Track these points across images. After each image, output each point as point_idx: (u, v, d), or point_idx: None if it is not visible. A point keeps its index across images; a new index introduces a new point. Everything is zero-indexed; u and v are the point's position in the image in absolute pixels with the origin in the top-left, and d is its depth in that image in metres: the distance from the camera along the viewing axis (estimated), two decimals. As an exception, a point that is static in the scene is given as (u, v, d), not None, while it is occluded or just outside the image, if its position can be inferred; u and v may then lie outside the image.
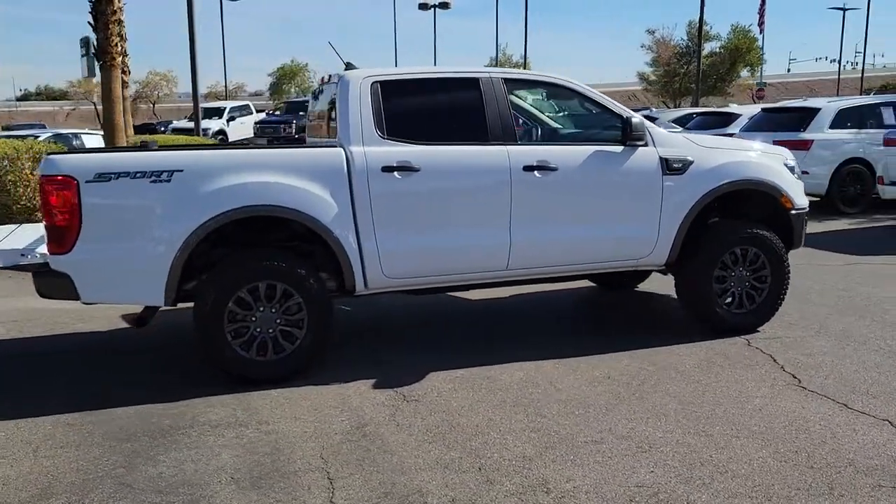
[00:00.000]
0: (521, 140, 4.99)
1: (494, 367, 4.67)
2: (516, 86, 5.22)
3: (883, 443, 3.51)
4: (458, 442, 3.63)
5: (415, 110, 4.90)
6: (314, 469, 3.37)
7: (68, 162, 4.20)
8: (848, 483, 3.14)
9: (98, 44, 11.19)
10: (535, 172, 4.83)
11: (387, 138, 4.64)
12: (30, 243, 4.55)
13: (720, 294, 5.27)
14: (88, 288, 4.24)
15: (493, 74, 5.00)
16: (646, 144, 5.08)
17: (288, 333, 4.47)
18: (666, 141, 5.20)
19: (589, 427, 3.78)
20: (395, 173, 4.58)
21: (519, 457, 3.46)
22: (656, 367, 4.65)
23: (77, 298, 4.26)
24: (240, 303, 4.37)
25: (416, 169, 4.61)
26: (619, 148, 5.05)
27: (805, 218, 5.56)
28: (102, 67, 11.32)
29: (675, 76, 43.70)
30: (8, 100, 67.17)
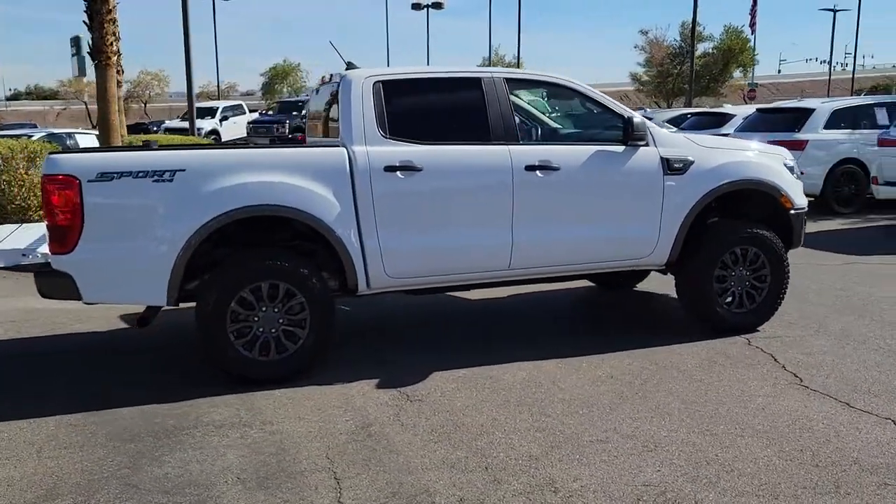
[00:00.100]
0: (523, 140, 5.00)
1: (496, 367, 4.68)
2: (518, 85, 5.22)
3: (887, 441, 3.53)
4: (464, 441, 3.63)
5: (417, 110, 4.90)
6: (320, 469, 3.37)
7: (71, 161, 4.18)
8: (853, 481, 3.16)
9: (93, 43, 11.13)
10: (537, 172, 4.83)
11: (389, 138, 4.64)
12: (31, 243, 4.52)
13: (720, 293, 5.29)
14: (90, 288, 4.21)
15: (495, 74, 5.00)
16: (647, 144, 5.10)
17: (290, 333, 4.46)
18: (667, 141, 5.21)
19: (594, 426, 3.78)
20: (398, 173, 4.58)
21: (525, 456, 3.46)
22: (658, 367, 4.66)
23: (79, 298, 4.23)
24: (242, 303, 4.36)
25: (419, 169, 4.61)
26: (621, 148, 5.06)
27: (804, 218, 5.59)
28: (98, 67, 11.25)
29: (669, 76, 43.80)
30: (-2, 99, 66.72)
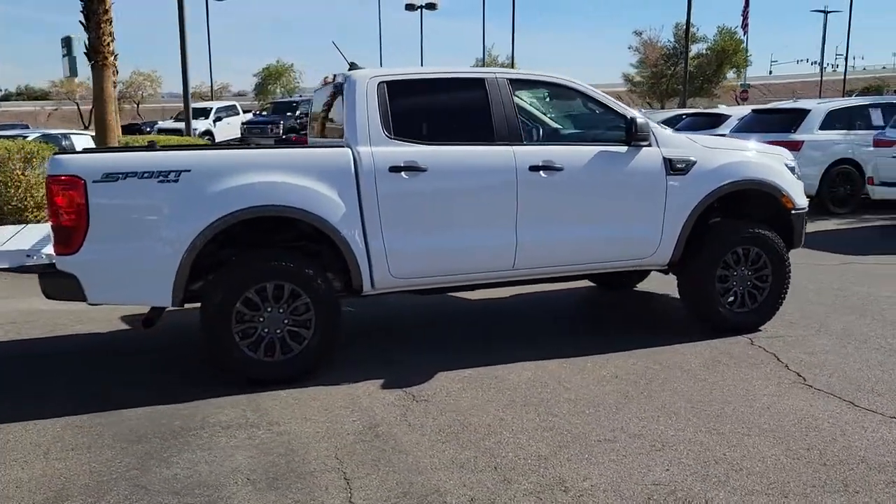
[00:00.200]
0: (527, 140, 5.00)
1: (501, 367, 4.68)
2: (521, 86, 5.22)
3: (893, 440, 3.55)
4: (472, 441, 3.63)
5: (421, 110, 4.91)
6: (330, 469, 3.36)
7: (76, 162, 4.17)
8: (862, 480, 3.18)
9: (90, 43, 11.08)
10: (541, 172, 4.84)
11: (394, 138, 4.64)
12: (35, 244, 4.50)
13: (723, 293, 5.31)
14: (95, 289, 4.20)
15: (499, 75, 5.01)
16: (649, 145, 5.11)
17: (296, 334, 4.45)
18: (669, 141, 5.23)
19: (601, 426, 3.79)
20: (403, 173, 4.58)
21: (534, 456, 3.46)
22: (662, 366, 4.67)
23: (84, 300, 4.22)
24: (247, 303, 4.35)
25: (424, 169, 4.61)
26: (624, 148, 5.07)
27: (805, 218, 5.62)
28: (94, 67, 11.21)
29: (663, 77, 43.90)
30: (-12, 100, 66.37)
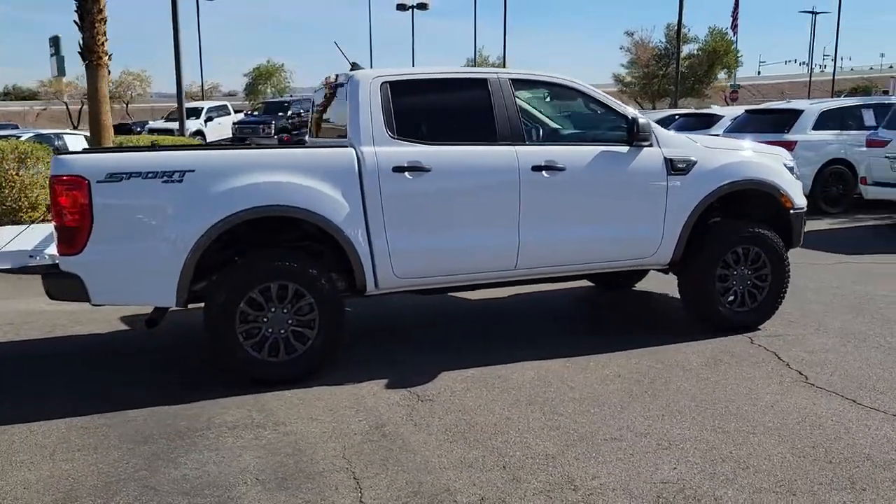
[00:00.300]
0: (529, 140, 5.02)
1: (503, 367, 4.69)
2: (523, 86, 5.23)
3: (896, 437, 3.59)
4: (479, 441, 3.64)
5: (424, 110, 4.92)
6: (339, 469, 3.36)
7: (79, 162, 4.15)
8: (868, 477, 3.20)
9: (84, 43, 11.01)
10: (544, 172, 4.86)
11: (397, 138, 4.64)
12: (38, 244, 4.48)
13: (723, 293, 5.34)
14: (99, 289, 4.18)
15: (501, 75, 5.03)
16: (651, 145, 5.13)
17: (300, 334, 4.45)
18: (670, 141, 5.25)
19: (607, 425, 3.81)
20: (406, 173, 4.58)
21: (541, 455, 3.47)
22: (664, 366, 4.70)
23: (87, 300, 4.20)
24: (251, 303, 4.34)
25: (427, 169, 4.62)
26: (625, 148, 5.09)
27: (804, 217, 5.66)
28: (89, 66, 11.14)
29: (654, 78, 44.02)
30: (-24, 100, 65.91)
